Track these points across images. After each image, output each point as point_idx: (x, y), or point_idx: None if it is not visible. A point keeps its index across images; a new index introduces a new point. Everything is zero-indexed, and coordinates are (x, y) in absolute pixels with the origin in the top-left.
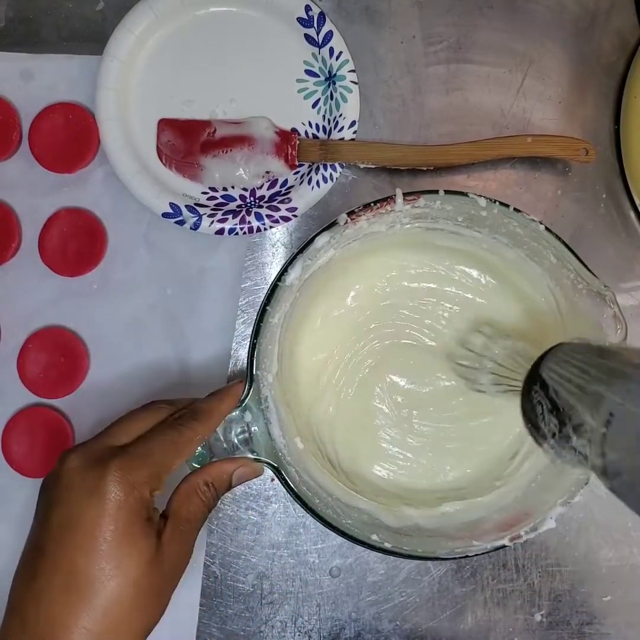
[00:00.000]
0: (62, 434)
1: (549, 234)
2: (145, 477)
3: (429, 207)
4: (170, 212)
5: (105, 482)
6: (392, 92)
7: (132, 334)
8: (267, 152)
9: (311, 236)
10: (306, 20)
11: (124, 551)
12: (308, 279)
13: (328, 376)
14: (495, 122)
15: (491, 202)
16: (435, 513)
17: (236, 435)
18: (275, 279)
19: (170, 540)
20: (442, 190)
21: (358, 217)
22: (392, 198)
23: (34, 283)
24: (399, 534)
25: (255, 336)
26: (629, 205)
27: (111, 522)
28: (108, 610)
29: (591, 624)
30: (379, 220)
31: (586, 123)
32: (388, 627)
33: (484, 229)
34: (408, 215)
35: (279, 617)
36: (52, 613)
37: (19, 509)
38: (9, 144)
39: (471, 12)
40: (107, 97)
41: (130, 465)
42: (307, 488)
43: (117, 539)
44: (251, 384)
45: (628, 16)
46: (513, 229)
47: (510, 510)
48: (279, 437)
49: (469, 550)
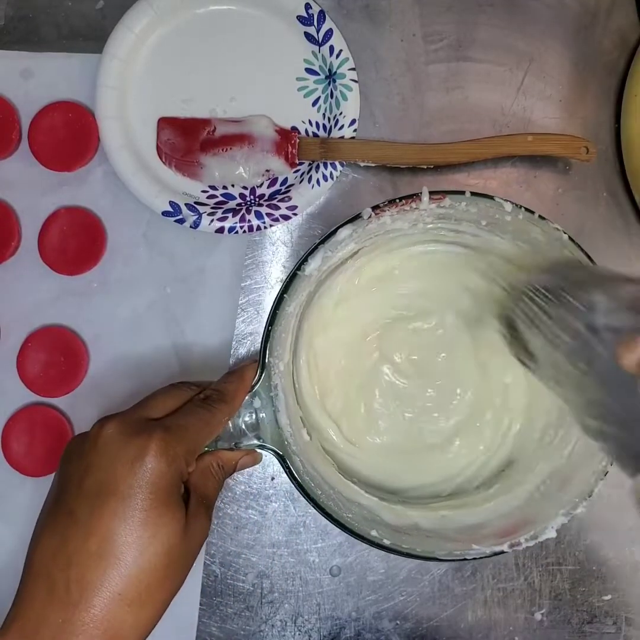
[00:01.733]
0: (61, 432)
1: (572, 243)
2: (183, 451)
3: (454, 207)
4: (170, 210)
5: (148, 452)
6: (393, 91)
7: (132, 332)
8: (267, 151)
9: (334, 227)
10: (306, 18)
11: (162, 520)
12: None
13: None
14: (495, 121)
15: (517, 207)
16: (435, 515)
17: (244, 420)
18: (295, 268)
19: (195, 514)
20: (469, 192)
21: (382, 212)
22: (417, 196)
23: (33, 282)
24: (398, 532)
25: (271, 323)
26: (630, 203)
27: (152, 491)
28: (142, 578)
29: (591, 622)
30: (402, 217)
31: (587, 121)
32: (388, 626)
33: (506, 235)
34: (432, 215)
35: (279, 616)
36: (84, 578)
37: (19, 508)
38: (8, 143)
39: (471, 10)
40: (106, 95)
41: (171, 438)
42: (310, 479)
43: (156, 508)
44: (262, 370)
45: (629, 14)
46: (535, 235)
47: (511, 518)
48: (286, 426)
49: (468, 554)
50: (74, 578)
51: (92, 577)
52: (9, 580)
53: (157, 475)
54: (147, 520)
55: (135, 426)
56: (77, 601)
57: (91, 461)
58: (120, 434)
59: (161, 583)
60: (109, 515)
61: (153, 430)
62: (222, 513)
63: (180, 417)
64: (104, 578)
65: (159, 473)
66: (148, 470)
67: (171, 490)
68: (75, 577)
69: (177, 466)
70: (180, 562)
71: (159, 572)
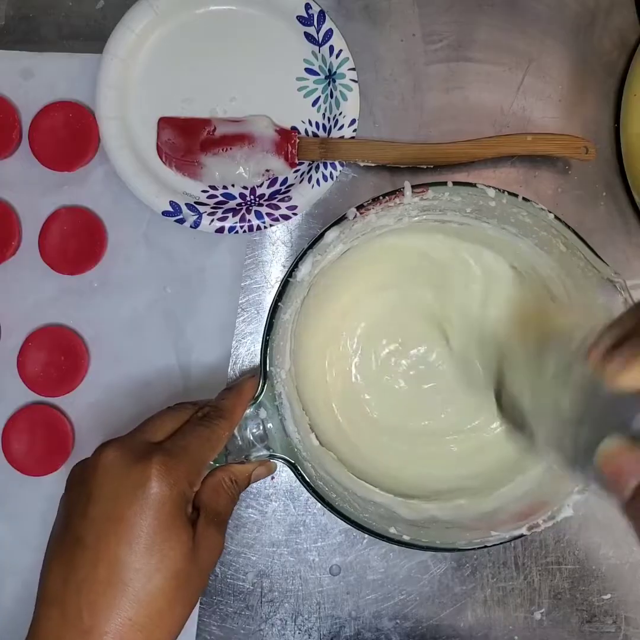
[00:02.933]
0: (62, 432)
1: (558, 222)
2: (185, 473)
3: (438, 199)
4: (170, 210)
5: (149, 477)
6: (392, 91)
7: (132, 332)
8: (267, 151)
9: (321, 231)
10: (306, 18)
11: (167, 544)
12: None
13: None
14: (495, 121)
15: (500, 192)
16: (451, 505)
17: (251, 432)
18: (286, 275)
19: (205, 532)
20: (451, 182)
21: (367, 211)
22: (400, 191)
23: (33, 281)
24: (416, 526)
25: (268, 333)
26: (629, 203)
27: (155, 517)
28: (152, 603)
29: (591, 622)
30: (387, 213)
31: (586, 121)
32: (388, 625)
33: (493, 220)
34: (416, 208)
35: (279, 616)
36: (96, 605)
37: (19, 507)
38: (9, 143)
39: (471, 10)
40: (107, 95)
41: (171, 461)
42: (323, 483)
43: (161, 533)
44: (265, 380)
45: (628, 14)
46: (522, 218)
47: (526, 500)
48: (294, 433)
49: (487, 541)
50: (85, 605)
51: (103, 603)
52: (8, 579)
53: (160, 500)
54: (152, 546)
55: (135, 451)
56: (90, 627)
57: (94, 489)
58: (121, 461)
59: (172, 606)
60: (116, 542)
61: (153, 454)
62: None
63: (179, 438)
64: (114, 604)
65: (162, 498)
66: (150, 496)
67: (175, 513)
68: (86, 603)
69: (179, 489)
70: (190, 583)
71: (168, 596)
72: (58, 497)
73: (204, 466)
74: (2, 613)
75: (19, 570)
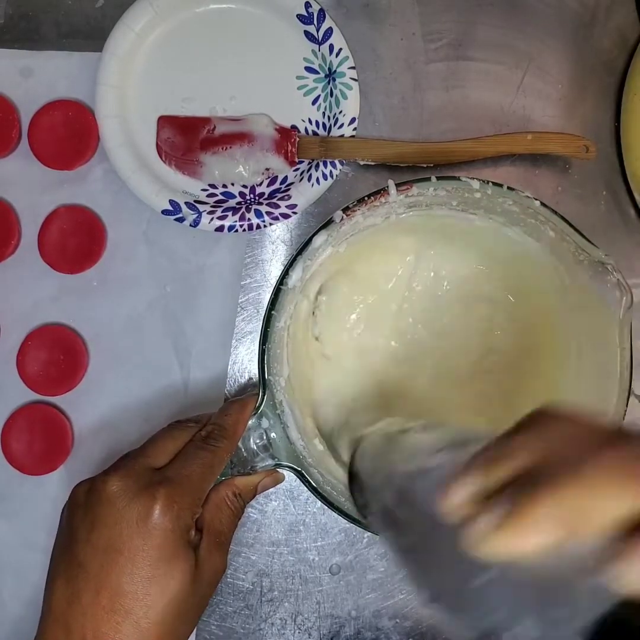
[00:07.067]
0: (61, 431)
1: (545, 209)
2: (189, 504)
3: (423, 194)
4: (169, 209)
5: (152, 512)
6: (392, 89)
7: (132, 331)
8: (267, 149)
9: (308, 237)
10: (306, 17)
11: (169, 574)
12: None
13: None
14: (495, 120)
15: (484, 183)
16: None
17: (255, 443)
18: (278, 283)
19: (208, 554)
20: (434, 177)
21: (353, 213)
22: (385, 190)
23: (33, 280)
24: None
25: (264, 342)
26: (629, 202)
27: (158, 551)
28: (154, 630)
29: None
30: (374, 213)
31: (586, 120)
32: (388, 625)
33: (479, 211)
34: (402, 205)
35: (279, 615)
36: (99, 630)
37: (19, 507)
38: (8, 141)
39: (471, 9)
40: (106, 94)
41: (175, 493)
42: (331, 487)
43: (163, 565)
44: (264, 390)
45: (628, 13)
46: (508, 207)
47: None
48: (298, 440)
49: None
50: (89, 630)
51: (106, 629)
52: (8, 577)
53: (162, 534)
54: (154, 577)
55: (139, 481)
56: None
57: (97, 517)
58: (126, 491)
59: (174, 631)
60: (118, 572)
61: (157, 487)
62: None
63: (182, 464)
64: (117, 631)
65: (164, 533)
66: (154, 529)
67: (178, 544)
68: (90, 628)
69: (182, 522)
70: (192, 607)
71: (170, 623)
72: (58, 496)
73: (205, 493)
74: (2, 612)
75: (18, 569)
